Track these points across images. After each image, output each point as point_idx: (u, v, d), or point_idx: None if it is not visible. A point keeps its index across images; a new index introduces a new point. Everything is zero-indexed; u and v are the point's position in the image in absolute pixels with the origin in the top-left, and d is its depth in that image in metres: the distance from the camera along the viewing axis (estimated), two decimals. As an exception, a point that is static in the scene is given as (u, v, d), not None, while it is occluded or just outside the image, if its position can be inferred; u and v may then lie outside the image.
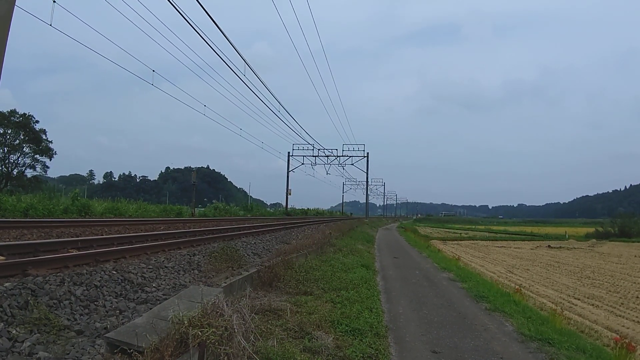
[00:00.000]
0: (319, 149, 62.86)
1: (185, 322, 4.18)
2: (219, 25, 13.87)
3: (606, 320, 14.16)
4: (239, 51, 16.30)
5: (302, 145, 62.92)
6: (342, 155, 67.40)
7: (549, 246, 50.29)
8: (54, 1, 13.60)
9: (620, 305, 16.99)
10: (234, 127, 50.78)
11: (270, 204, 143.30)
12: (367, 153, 70.80)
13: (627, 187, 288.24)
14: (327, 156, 66.10)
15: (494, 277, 21.16)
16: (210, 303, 4.72)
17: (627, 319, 14.82)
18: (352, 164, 69.39)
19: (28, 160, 59.24)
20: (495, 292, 12.12)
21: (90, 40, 17.02)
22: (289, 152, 66.86)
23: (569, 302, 16.72)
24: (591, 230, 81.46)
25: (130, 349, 3.95)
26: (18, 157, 58.17)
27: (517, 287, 13.82)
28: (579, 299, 17.75)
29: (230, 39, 14.89)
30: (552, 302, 15.99)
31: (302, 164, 66.92)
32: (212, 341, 4.10)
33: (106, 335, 4.36)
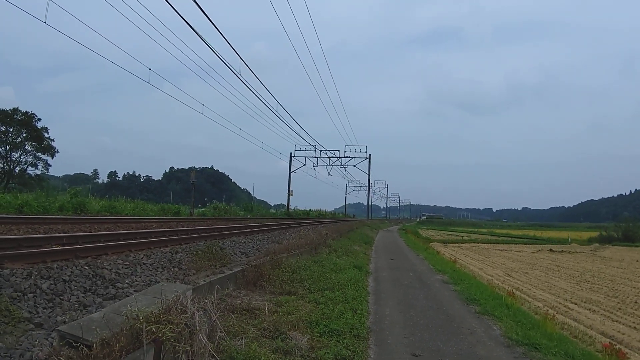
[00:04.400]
0: (321, 150, 62.87)
1: (141, 318, 4.01)
2: (216, 25, 13.77)
3: (602, 326, 13.94)
4: (236, 50, 16.18)
5: (304, 146, 62.95)
6: (344, 157, 67.30)
7: (550, 250, 50.03)
8: (50, -1, 13.54)
9: (617, 310, 16.75)
10: (233, 127, 50.73)
11: (274, 204, 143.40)
12: (369, 155, 70.66)
13: (632, 192, 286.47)
14: (329, 157, 66.03)
15: (492, 280, 20.98)
16: (173, 299, 4.56)
17: (623, 324, 14.60)
18: (354, 166, 69.30)
19: (30, 159, 59.51)
20: (488, 295, 11.90)
21: (91, 40, 17.04)
22: (290, 153, 66.81)
23: (565, 307, 16.51)
24: (595, 234, 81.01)
25: (77, 342, 3.80)
26: (20, 155, 58.38)
27: (510, 290, 13.59)
28: (575, 303, 17.52)
29: (227, 38, 14.80)
30: (548, 306, 15.79)
31: (304, 164, 66.88)
32: (168, 338, 3.93)
33: (58, 328, 4.23)
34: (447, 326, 7.89)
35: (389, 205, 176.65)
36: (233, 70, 17.13)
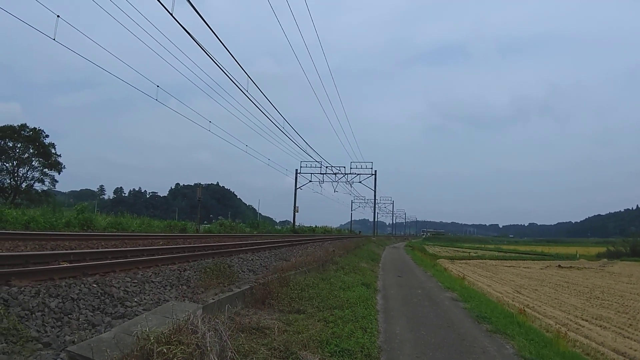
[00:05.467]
0: (326, 167, 62.96)
1: (151, 338, 3.94)
2: (224, 42, 13.89)
3: (613, 342, 13.72)
4: (243, 67, 16.29)
5: (310, 163, 63.00)
6: (350, 173, 67.37)
7: (559, 266, 49.56)
8: (58, 16, 13.69)
9: (628, 327, 16.51)
10: (240, 143, 51.10)
11: (280, 221, 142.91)
12: (375, 171, 70.66)
13: (639, 206, 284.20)
14: (335, 174, 66.08)
15: (501, 298, 20.73)
16: (183, 319, 4.49)
17: (635, 340, 14.37)
18: (360, 182, 69.35)
19: (37, 174, 59.71)
20: (499, 312, 11.76)
21: (101, 57, 17.26)
22: (296, 170, 66.84)
23: (576, 324, 16.27)
24: (603, 249, 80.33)
25: (87, 365, 3.73)
26: (27, 171, 58.60)
27: (521, 307, 13.41)
28: (586, 320, 17.27)
29: (234, 55, 14.91)
30: (559, 324, 15.54)
31: (310, 181, 66.92)
32: (179, 359, 3.85)
33: (67, 348, 4.15)
34: (459, 345, 7.76)
35: (394, 222, 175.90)
36: (240, 87, 17.22)
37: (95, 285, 7.01)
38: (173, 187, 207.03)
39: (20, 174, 58.12)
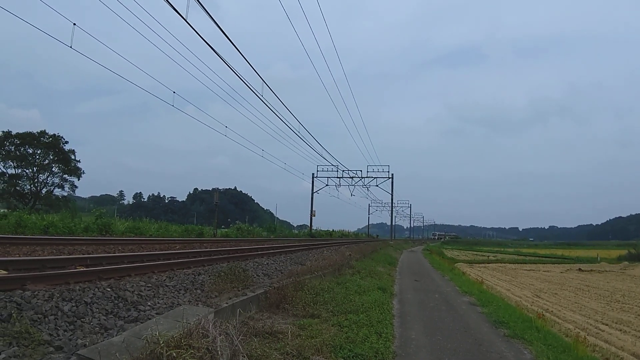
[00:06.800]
0: (343, 171, 63.05)
1: (161, 342, 3.93)
2: (239, 48, 13.97)
3: (633, 347, 13.38)
4: (258, 71, 16.36)
5: (326, 167, 63.16)
6: (367, 177, 67.42)
7: (579, 269, 48.70)
8: (74, 24, 13.87)
9: (649, 331, 16.10)
10: (256, 148, 51.37)
11: (297, 225, 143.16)
12: (392, 174, 70.54)
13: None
14: (352, 177, 66.14)
15: (519, 302, 20.39)
16: (194, 323, 4.47)
17: (656, 344, 13.99)
18: (377, 186, 69.43)
19: (57, 180, 60.62)
20: (517, 317, 11.56)
21: (118, 65, 17.48)
22: (313, 174, 67.02)
23: (596, 328, 15.92)
24: (624, 252, 78.76)
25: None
26: (47, 177, 59.52)
27: (539, 312, 13.17)
28: (606, 324, 16.89)
29: (249, 59, 15.00)
30: (578, 328, 15.23)
31: (327, 185, 67.03)
32: (189, 363, 3.83)
33: (78, 352, 4.16)
34: (475, 351, 7.64)
35: (412, 225, 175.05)
36: (255, 92, 17.31)
37: (109, 289, 7.04)
38: (191, 192, 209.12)
39: (40, 180, 59.10)
